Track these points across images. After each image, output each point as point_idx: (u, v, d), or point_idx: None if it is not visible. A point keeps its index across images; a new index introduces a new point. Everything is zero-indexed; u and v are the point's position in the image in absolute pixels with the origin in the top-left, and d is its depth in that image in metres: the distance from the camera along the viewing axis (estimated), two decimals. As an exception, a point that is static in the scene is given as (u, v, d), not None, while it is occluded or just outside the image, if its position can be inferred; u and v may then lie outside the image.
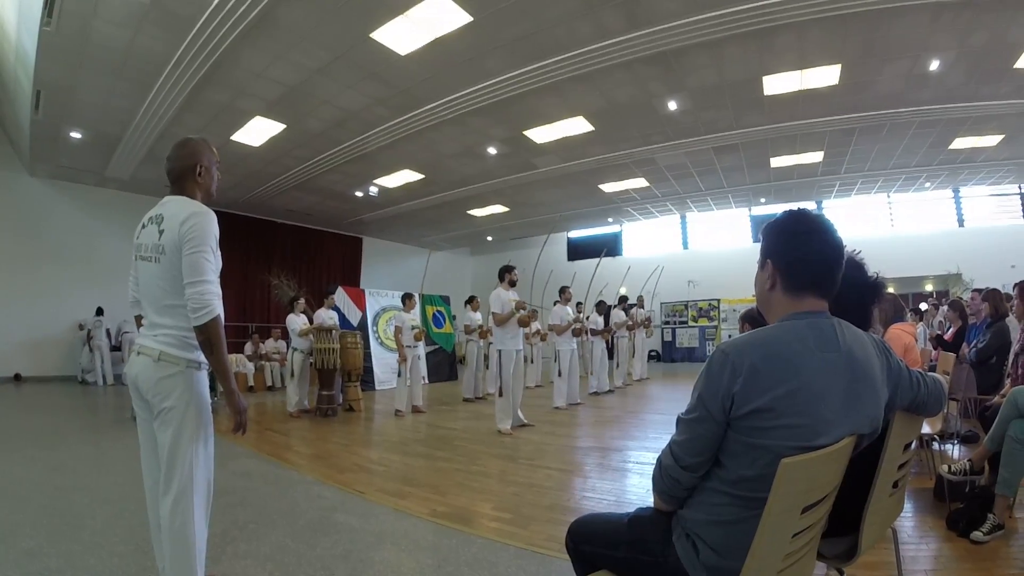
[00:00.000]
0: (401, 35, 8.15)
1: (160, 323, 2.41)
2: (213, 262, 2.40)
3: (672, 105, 10.94)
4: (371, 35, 8.07)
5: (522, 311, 7.84)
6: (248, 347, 14.61)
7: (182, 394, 2.38)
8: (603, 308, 12.66)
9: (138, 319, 2.61)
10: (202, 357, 2.43)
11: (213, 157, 2.63)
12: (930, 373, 1.89)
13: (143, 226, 2.52)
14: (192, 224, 2.34)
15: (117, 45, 8.06)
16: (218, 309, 2.36)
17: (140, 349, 2.42)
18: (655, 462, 1.66)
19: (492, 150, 13.21)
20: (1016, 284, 4.82)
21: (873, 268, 2.15)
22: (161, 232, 2.39)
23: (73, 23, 7.47)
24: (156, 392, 2.37)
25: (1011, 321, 5.65)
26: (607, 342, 12.30)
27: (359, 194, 16.44)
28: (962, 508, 3.48)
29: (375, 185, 15.69)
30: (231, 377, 2.44)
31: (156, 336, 2.40)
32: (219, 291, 2.41)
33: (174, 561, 2.34)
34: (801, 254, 1.58)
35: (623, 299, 14.13)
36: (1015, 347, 4.84)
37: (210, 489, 2.51)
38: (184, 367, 2.39)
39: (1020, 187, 17.86)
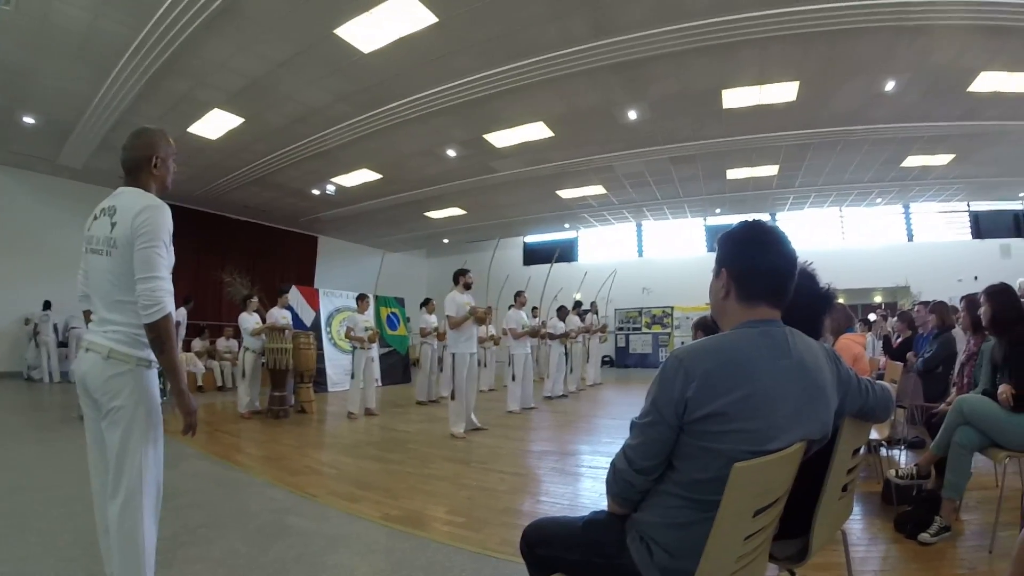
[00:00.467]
0: (366, 33, 8.08)
1: (110, 319, 2.33)
2: (166, 258, 2.33)
3: (632, 114, 11.05)
4: (335, 31, 7.99)
5: (476, 312, 7.83)
6: (197, 343, 14.28)
7: (131, 393, 2.30)
8: (564, 313, 12.71)
9: (87, 314, 2.52)
10: (152, 355, 2.36)
11: (170, 149, 2.56)
12: (878, 381, 1.94)
13: (95, 217, 2.43)
14: (146, 218, 2.28)
15: (77, 28, 7.81)
16: (170, 307, 2.29)
17: (89, 346, 2.34)
18: (609, 466, 1.68)
19: (452, 152, 13.19)
20: (963, 297, 4.98)
21: (825, 279, 2.21)
22: (113, 225, 2.32)
23: (33, 4, 7.24)
24: (105, 391, 2.29)
25: (957, 332, 5.83)
26: (565, 347, 12.36)
27: (316, 192, 16.23)
28: (909, 511, 3.59)
29: (333, 183, 15.51)
30: (182, 377, 2.37)
31: (106, 333, 2.32)
32: (171, 288, 2.34)
33: (123, 565, 2.26)
34: (755, 264, 1.62)
35: (577, 304, 14.19)
36: (961, 357, 4.99)
37: (159, 491, 2.43)
38: (134, 365, 2.32)
39: (968, 205, 18.56)
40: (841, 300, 4.20)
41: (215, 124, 11.29)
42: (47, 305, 13.56)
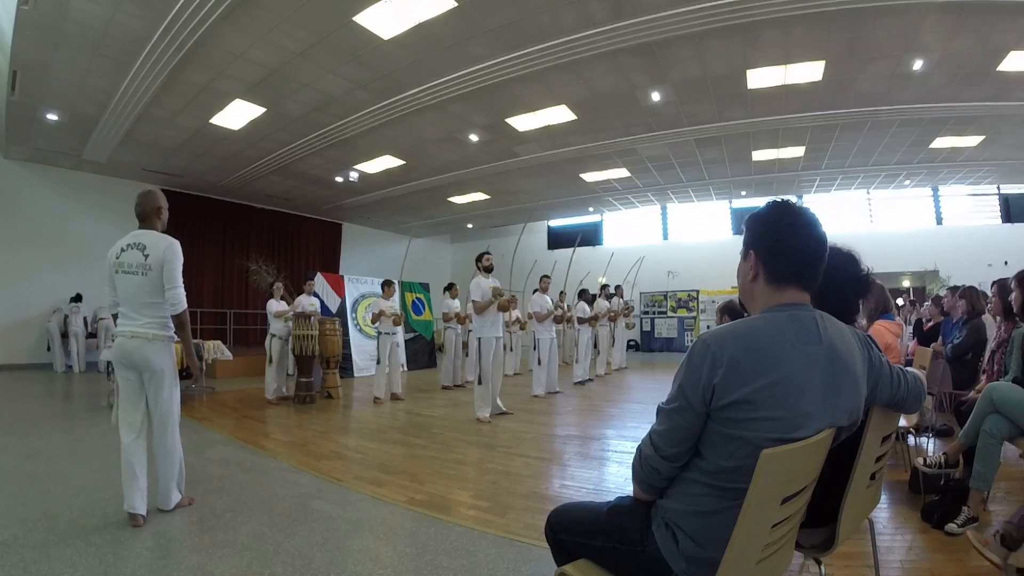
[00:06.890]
0: (384, 19, 8.05)
1: (145, 315, 3.71)
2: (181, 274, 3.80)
3: (655, 96, 10.93)
4: (354, 18, 7.97)
5: (500, 297, 7.81)
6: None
7: (167, 360, 3.79)
8: (587, 296, 12.67)
9: (115, 317, 3.83)
10: (172, 333, 3.82)
11: (166, 202, 4.01)
12: (910, 369, 1.89)
13: (123, 249, 3.72)
14: (173, 251, 3.74)
15: (95, 23, 7.87)
16: (185, 303, 3.78)
17: (134, 333, 3.66)
18: (635, 451, 1.66)
19: (474, 137, 13.14)
20: (994, 282, 4.87)
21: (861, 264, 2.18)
22: (146, 256, 3.68)
23: (51, 0, 7.29)
24: (151, 362, 3.68)
25: (987, 318, 5.72)
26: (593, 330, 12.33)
27: (339, 179, 16.30)
28: (936, 500, 3.53)
29: (355, 170, 15.56)
30: (192, 346, 4.10)
31: (144, 324, 3.69)
32: (184, 292, 3.80)
33: (168, 466, 3.77)
34: (784, 246, 1.58)
35: (603, 287, 14.15)
36: (991, 344, 4.89)
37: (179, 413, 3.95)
38: (167, 341, 3.80)
39: (998, 188, 18.12)
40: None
41: (237, 114, 11.35)
42: (78, 297, 13.77)
